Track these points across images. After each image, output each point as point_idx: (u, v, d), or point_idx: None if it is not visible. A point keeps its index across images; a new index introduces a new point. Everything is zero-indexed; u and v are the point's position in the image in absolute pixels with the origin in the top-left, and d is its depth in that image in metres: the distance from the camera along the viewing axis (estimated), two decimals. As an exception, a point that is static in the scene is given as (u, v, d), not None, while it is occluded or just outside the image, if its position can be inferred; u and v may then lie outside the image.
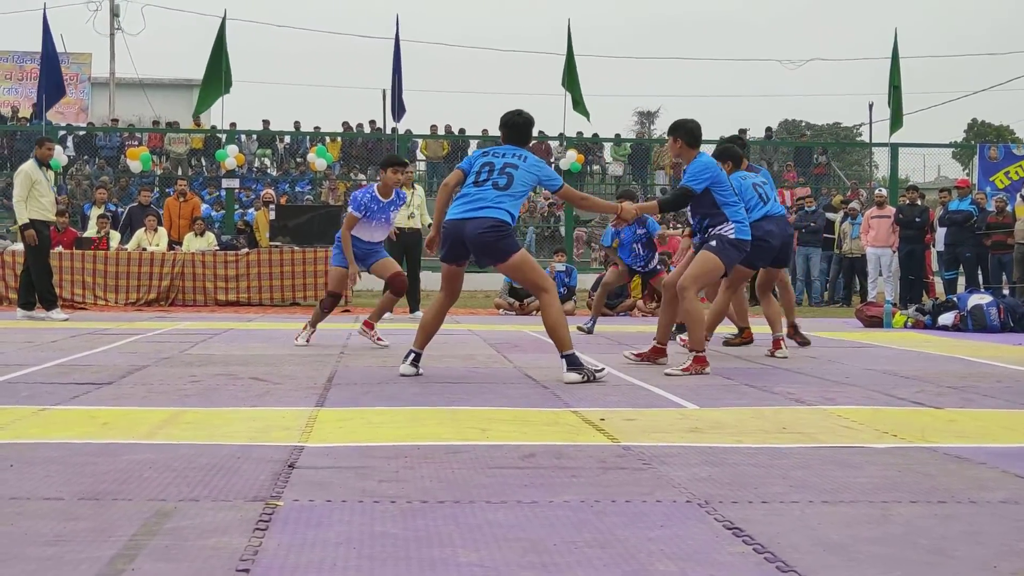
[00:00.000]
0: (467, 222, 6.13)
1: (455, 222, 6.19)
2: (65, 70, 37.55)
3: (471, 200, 6.17)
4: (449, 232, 6.23)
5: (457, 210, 6.21)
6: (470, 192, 6.20)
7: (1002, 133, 51.50)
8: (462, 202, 6.22)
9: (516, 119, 6.49)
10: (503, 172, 6.21)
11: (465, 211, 6.16)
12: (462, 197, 6.25)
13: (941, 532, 2.85)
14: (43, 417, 4.74)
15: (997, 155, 21.57)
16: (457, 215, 6.19)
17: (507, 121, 6.49)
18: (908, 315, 12.29)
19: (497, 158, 6.29)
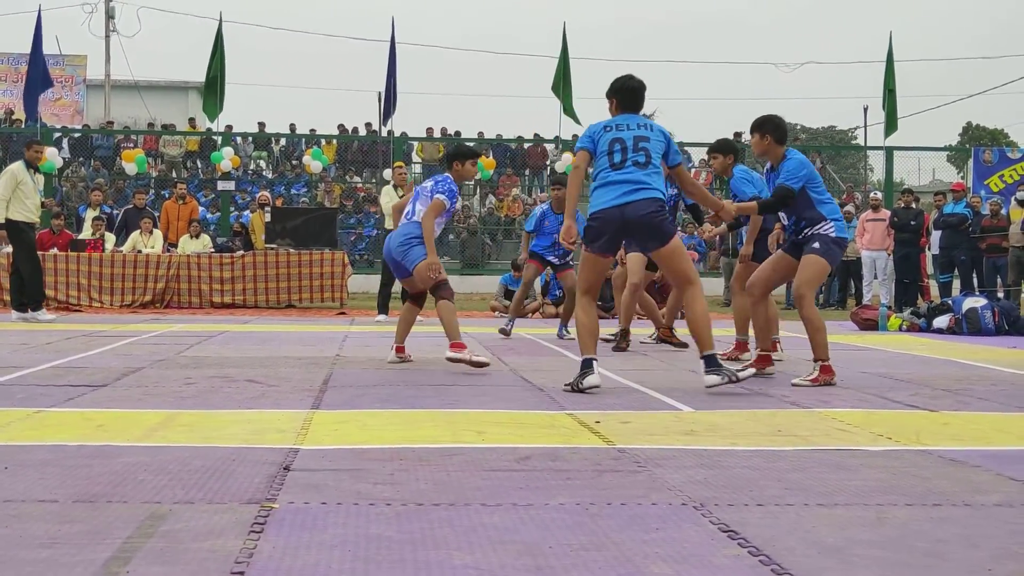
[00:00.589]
0: (627, 206, 5.78)
1: (613, 209, 5.80)
2: (60, 72, 37.76)
3: (621, 183, 5.81)
4: (609, 220, 5.82)
5: (609, 196, 5.82)
6: (614, 176, 5.84)
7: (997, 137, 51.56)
8: (612, 188, 5.83)
9: (630, 83, 6.13)
10: (638, 149, 5.88)
11: (620, 195, 5.80)
12: (607, 184, 5.85)
13: (936, 535, 2.86)
14: (38, 419, 4.73)
15: (992, 158, 21.61)
16: (613, 202, 5.81)
17: (621, 86, 6.12)
18: (903, 318, 12.30)
19: (624, 132, 5.93)
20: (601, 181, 5.91)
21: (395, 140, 21.82)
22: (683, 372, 7.10)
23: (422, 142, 24.68)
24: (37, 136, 20.19)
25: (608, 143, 5.92)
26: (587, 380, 5.80)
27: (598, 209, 5.87)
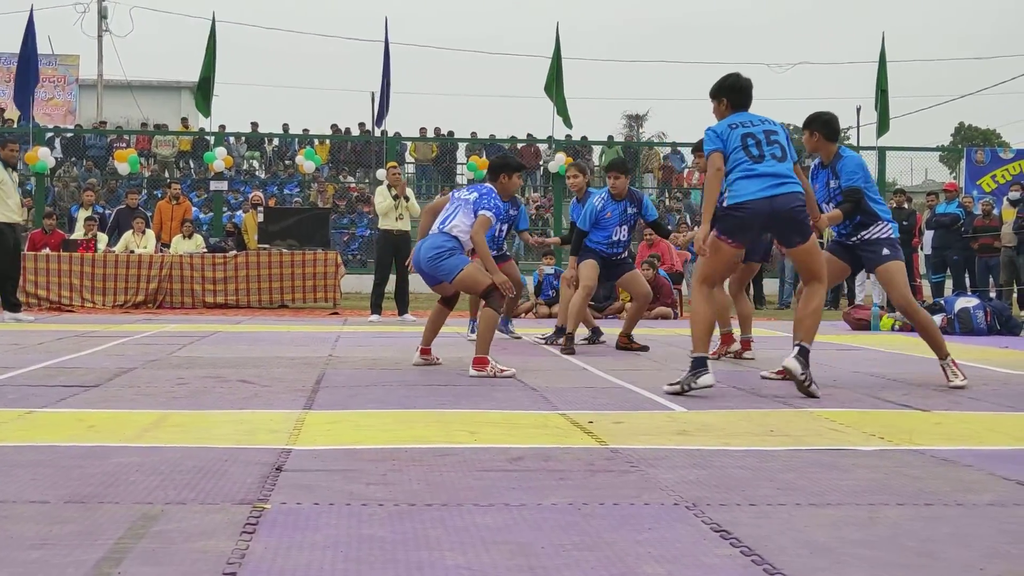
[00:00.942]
0: (775, 199, 5.66)
1: (762, 201, 5.65)
2: (53, 72, 37.71)
3: (767, 176, 5.69)
4: (756, 213, 5.68)
5: (755, 187, 5.67)
6: (759, 168, 5.70)
7: (989, 137, 51.74)
8: (757, 180, 5.68)
9: (740, 81, 6.02)
10: (771, 142, 5.79)
11: (767, 187, 5.67)
12: (751, 176, 5.69)
13: (928, 534, 2.86)
14: (30, 420, 4.72)
15: (984, 159, 21.65)
16: (761, 193, 5.66)
17: (732, 85, 6.00)
18: (895, 318, 12.32)
19: (753, 127, 5.82)
20: (744, 173, 5.71)
21: (388, 140, 21.83)
22: (676, 372, 7.09)
23: (415, 142, 24.67)
24: (29, 136, 20.18)
25: (740, 138, 5.77)
26: (701, 380, 5.64)
27: (744, 200, 5.68)
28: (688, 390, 5.65)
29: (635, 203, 8.90)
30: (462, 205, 7.01)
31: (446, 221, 6.98)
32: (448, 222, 6.96)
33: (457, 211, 6.99)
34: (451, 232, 6.90)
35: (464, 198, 7.09)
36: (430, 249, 6.89)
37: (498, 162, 7.37)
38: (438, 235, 6.94)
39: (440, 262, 6.83)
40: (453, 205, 7.09)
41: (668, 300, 14.56)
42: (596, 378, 6.69)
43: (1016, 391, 6.28)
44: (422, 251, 6.96)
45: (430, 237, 6.99)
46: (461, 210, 6.97)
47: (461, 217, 6.93)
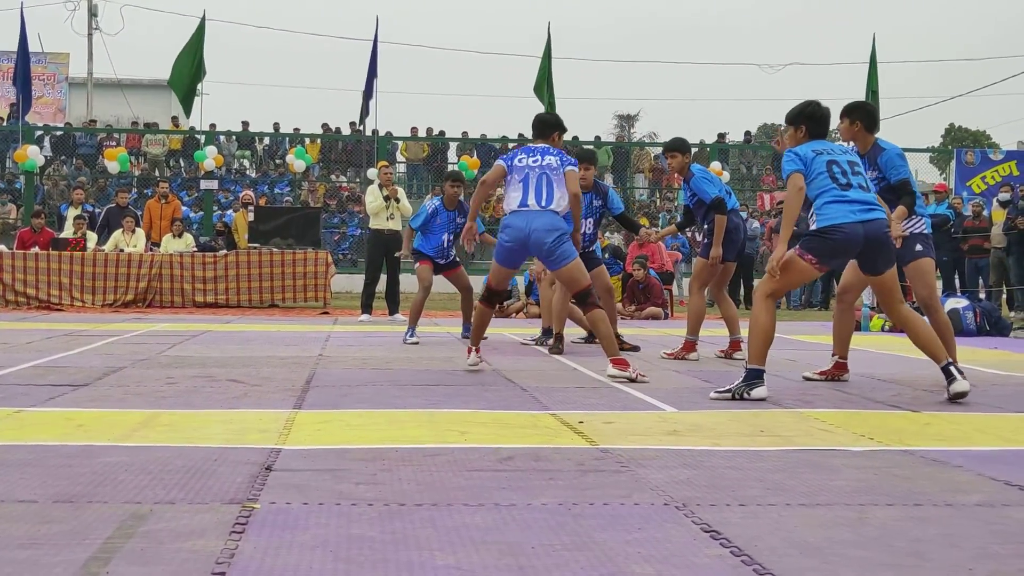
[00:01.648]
0: (867, 224, 5.66)
1: (855, 225, 5.64)
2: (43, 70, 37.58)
3: (856, 202, 5.68)
4: (851, 236, 5.65)
5: (847, 211, 5.65)
6: (849, 195, 5.70)
7: (979, 138, 51.88)
8: (849, 205, 5.67)
9: (822, 110, 6.03)
10: (856, 172, 5.82)
11: (858, 211, 5.66)
12: (842, 201, 5.68)
13: (917, 534, 2.87)
14: (18, 419, 4.70)
15: (974, 160, 21.73)
16: (853, 216, 5.65)
17: (813, 113, 6.02)
18: (885, 319, 12.35)
19: (835, 155, 5.84)
20: (834, 198, 5.71)
21: (379, 139, 21.80)
22: (666, 372, 7.12)
23: (406, 141, 24.65)
24: (19, 134, 20.13)
25: (825, 165, 5.77)
26: (756, 391, 5.61)
27: (839, 223, 5.66)
28: (739, 399, 5.60)
29: (600, 195, 8.79)
30: (551, 175, 6.73)
31: (543, 198, 6.67)
32: (551, 199, 6.67)
33: (551, 184, 6.69)
34: (558, 210, 6.66)
35: (543, 164, 6.75)
36: (550, 231, 6.59)
37: (551, 119, 7.20)
38: (549, 214, 6.63)
39: (562, 246, 6.64)
40: (534, 176, 6.74)
41: (659, 300, 14.58)
42: (587, 378, 6.69)
43: (1005, 392, 6.30)
44: (537, 229, 6.59)
45: (542, 215, 6.62)
46: (556, 182, 6.70)
47: (558, 189, 6.69)
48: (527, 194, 6.70)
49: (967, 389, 5.69)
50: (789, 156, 5.88)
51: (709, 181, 8.11)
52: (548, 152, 6.86)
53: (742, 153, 27.39)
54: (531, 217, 6.64)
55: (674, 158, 8.21)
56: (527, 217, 6.66)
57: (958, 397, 5.67)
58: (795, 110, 6.08)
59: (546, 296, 9.32)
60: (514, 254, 6.83)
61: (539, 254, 6.82)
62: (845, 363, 6.76)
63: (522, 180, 6.76)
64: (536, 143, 7.04)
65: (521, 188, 6.74)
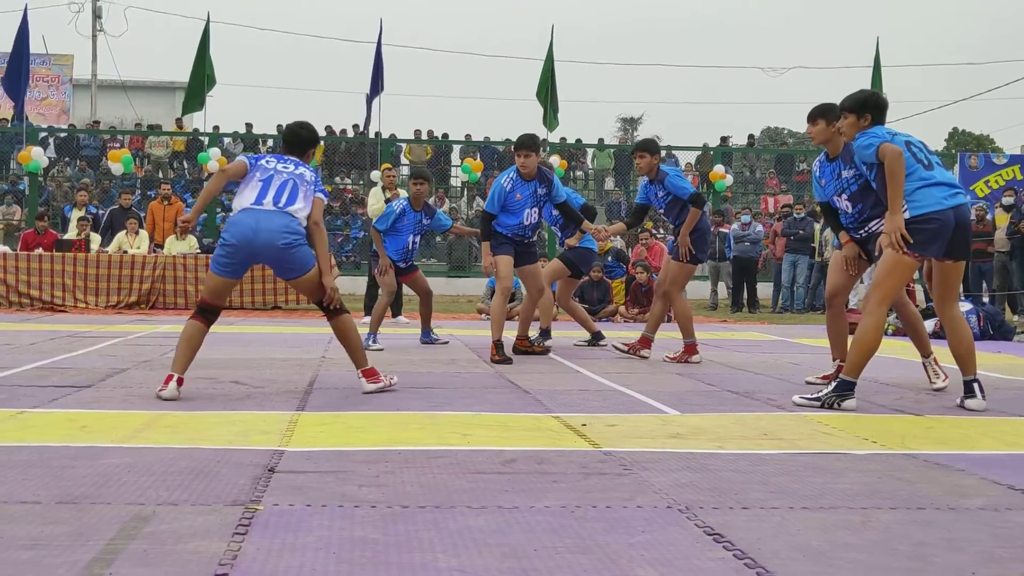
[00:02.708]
0: (957, 209, 5.48)
1: (947, 211, 5.43)
2: (47, 71, 37.62)
3: (943, 184, 5.51)
4: (945, 224, 5.42)
5: (940, 196, 5.44)
6: (933, 176, 5.51)
7: (982, 142, 51.82)
8: (937, 189, 5.47)
9: (884, 100, 5.92)
10: (930, 151, 5.68)
11: (948, 196, 5.47)
12: (929, 184, 5.46)
13: (920, 538, 2.86)
14: (21, 420, 4.70)
15: (977, 164, 21.71)
16: (945, 203, 5.44)
17: (879, 103, 5.86)
18: (889, 322, 12.34)
19: (909, 136, 5.70)
20: (922, 182, 5.48)
21: (383, 142, 21.83)
22: (669, 375, 7.11)
23: (410, 144, 24.67)
24: (23, 135, 20.14)
25: (904, 144, 5.56)
26: (847, 403, 5.49)
27: (932, 210, 5.41)
28: (829, 408, 5.47)
29: (545, 183, 8.23)
30: (298, 181, 5.97)
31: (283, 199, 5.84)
32: (292, 203, 5.86)
33: (296, 190, 5.93)
34: (298, 216, 5.84)
35: (295, 173, 6.02)
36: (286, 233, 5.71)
37: (306, 135, 6.42)
38: (286, 216, 5.77)
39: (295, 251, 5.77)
40: (281, 179, 5.93)
41: (662, 303, 14.54)
42: (589, 380, 6.69)
43: (1008, 396, 6.30)
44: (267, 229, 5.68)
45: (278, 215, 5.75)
46: (301, 191, 5.95)
47: (303, 199, 5.94)
48: (264, 195, 5.79)
49: (982, 407, 5.56)
50: (868, 136, 5.62)
51: (682, 177, 8.10)
52: (303, 166, 6.11)
53: (745, 156, 27.39)
54: (261, 216, 5.70)
55: (643, 158, 8.08)
56: (256, 215, 5.71)
57: (970, 409, 5.57)
58: (858, 98, 5.87)
59: (545, 297, 9.28)
60: (239, 260, 5.83)
61: (267, 257, 5.79)
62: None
63: (263, 180, 5.86)
64: (291, 156, 6.20)
65: (260, 189, 5.83)
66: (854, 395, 5.56)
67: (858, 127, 5.82)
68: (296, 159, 6.17)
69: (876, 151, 5.48)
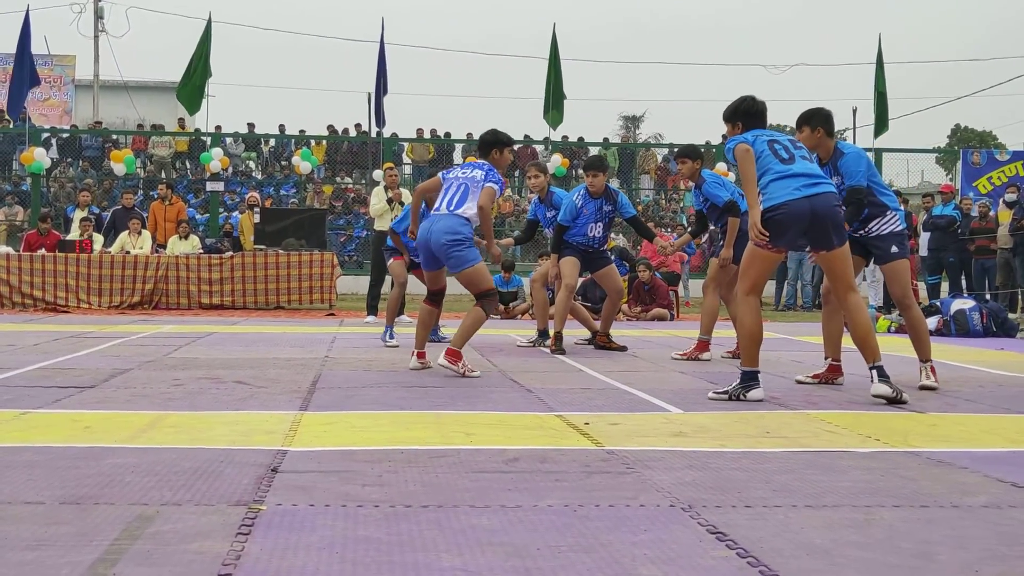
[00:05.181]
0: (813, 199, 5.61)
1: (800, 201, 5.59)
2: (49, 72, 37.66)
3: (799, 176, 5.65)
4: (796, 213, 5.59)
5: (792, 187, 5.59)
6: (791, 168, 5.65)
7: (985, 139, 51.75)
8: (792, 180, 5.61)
9: (757, 105, 6.01)
10: (797, 147, 5.83)
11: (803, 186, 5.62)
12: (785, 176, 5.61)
13: (924, 536, 2.86)
14: (25, 421, 4.71)
15: (980, 160, 21.70)
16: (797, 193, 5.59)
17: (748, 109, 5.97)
18: (892, 320, 12.33)
19: (775, 136, 5.86)
20: (777, 175, 5.61)
21: (385, 141, 21.82)
22: (671, 373, 7.11)
23: (412, 143, 24.65)
24: (25, 136, 20.15)
25: (766, 144, 5.72)
26: (752, 393, 5.63)
27: (782, 200, 5.54)
28: (736, 400, 5.61)
29: (611, 201, 8.89)
30: (469, 184, 6.92)
31: (453, 202, 6.86)
32: (461, 204, 6.84)
33: (467, 192, 6.88)
34: (464, 215, 6.81)
35: (467, 176, 6.99)
36: (447, 232, 6.78)
37: (488, 138, 7.33)
38: (451, 217, 6.82)
39: (455, 249, 6.77)
40: (456, 185, 6.96)
41: (664, 302, 14.56)
42: (592, 379, 6.69)
43: (1012, 393, 6.29)
44: (435, 231, 6.80)
45: (445, 218, 6.82)
46: (471, 191, 6.87)
47: (471, 200, 6.84)
48: (442, 201, 6.95)
49: (887, 394, 5.62)
50: (731, 141, 5.81)
51: (720, 185, 8.18)
52: (479, 167, 7.06)
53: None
54: (434, 220, 6.86)
55: (684, 164, 8.32)
56: (432, 220, 6.89)
57: (878, 398, 5.65)
58: (730, 107, 6.03)
59: (539, 298, 9.47)
60: (426, 256, 6.99)
61: (439, 256, 6.89)
62: (839, 365, 6.73)
63: (445, 189, 7.03)
64: (479, 160, 7.25)
65: (440, 196, 7.02)
66: (759, 384, 5.67)
67: (731, 134, 5.99)
68: (481, 162, 7.16)
69: (732, 152, 5.68)
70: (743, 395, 5.64)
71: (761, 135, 5.80)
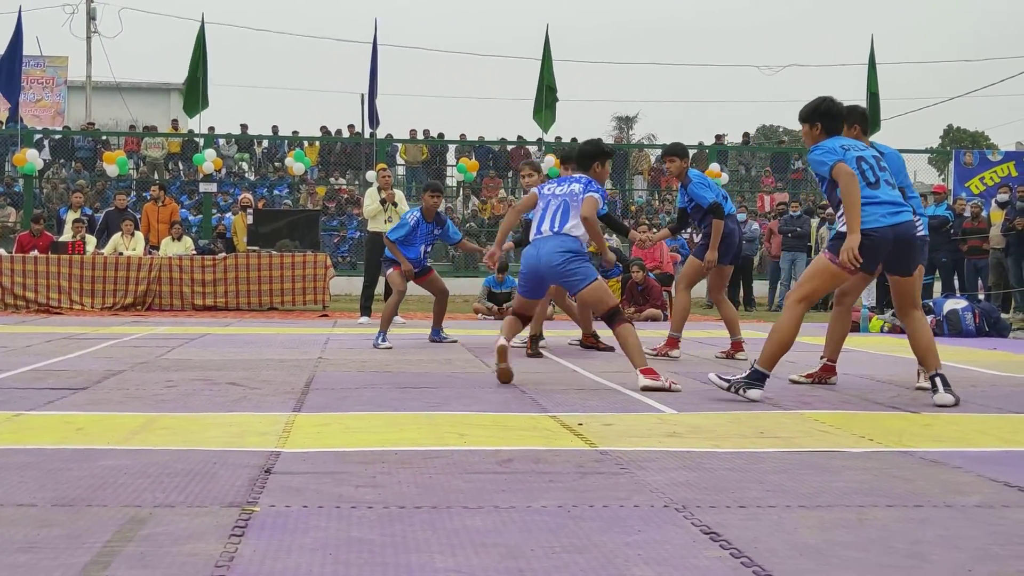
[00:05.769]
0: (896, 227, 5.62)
1: (886, 229, 5.59)
2: (41, 73, 37.58)
3: (885, 203, 5.63)
4: (882, 240, 5.60)
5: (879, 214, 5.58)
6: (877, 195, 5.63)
7: (977, 139, 51.86)
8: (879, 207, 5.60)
9: (837, 107, 5.93)
10: (881, 168, 5.79)
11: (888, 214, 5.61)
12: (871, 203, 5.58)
13: (917, 536, 2.87)
14: (17, 423, 4.70)
15: (972, 161, 21.75)
16: (883, 221, 5.58)
17: (828, 110, 5.86)
18: (885, 320, 12.36)
19: (862, 151, 5.78)
20: (865, 199, 5.55)
21: (378, 142, 21.82)
22: (665, 374, 7.10)
23: (405, 144, 24.64)
24: (17, 138, 20.11)
25: (855, 161, 5.63)
26: (751, 392, 5.60)
27: (870, 227, 5.53)
28: (734, 393, 5.62)
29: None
30: (569, 200, 6.60)
31: (556, 222, 6.53)
32: (565, 223, 6.52)
33: (567, 209, 6.55)
34: (572, 234, 6.48)
35: (567, 192, 6.64)
36: (559, 252, 6.41)
37: (590, 150, 6.95)
38: (558, 237, 6.46)
39: (572, 266, 6.41)
40: (556, 203, 6.62)
41: (658, 302, 14.56)
42: (586, 380, 6.69)
43: (1005, 393, 6.30)
44: (544, 254, 6.45)
45: (552, 239, 6.47)
46: (572, 207, 6.55)
47: (573, 217, 6.53)
48: (542, 222, 6.61)
49: (950, 403, 5.57)
50: (820, 150, 5.66)
51: (706, 186, 8.14)
52: (576, 180, 6.73)
53: (741, 154, 27.40)
54: (541, 243, 6.52)
55: (672, 162, 8.26)
56: (537, 244, 6.55)
57: (942, 406, 5.57)
58: (809, 107, 5.93)
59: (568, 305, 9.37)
60: (532, 282, 6.62)
61: (553, 278, 6.59)
62: (833, 366, 6.72)
63: (543, 208, 6.69)
64: (575, 175, 6.88)
65: (539, 217, 6.67)
66: (763, 387, 5.66)
67: (812, 136, 5.88)
68: (579, 175, 6.85)
69: (830, 171, 5.58)
70: (743, 391, 5.61)
71: (850, 149, 5.69)
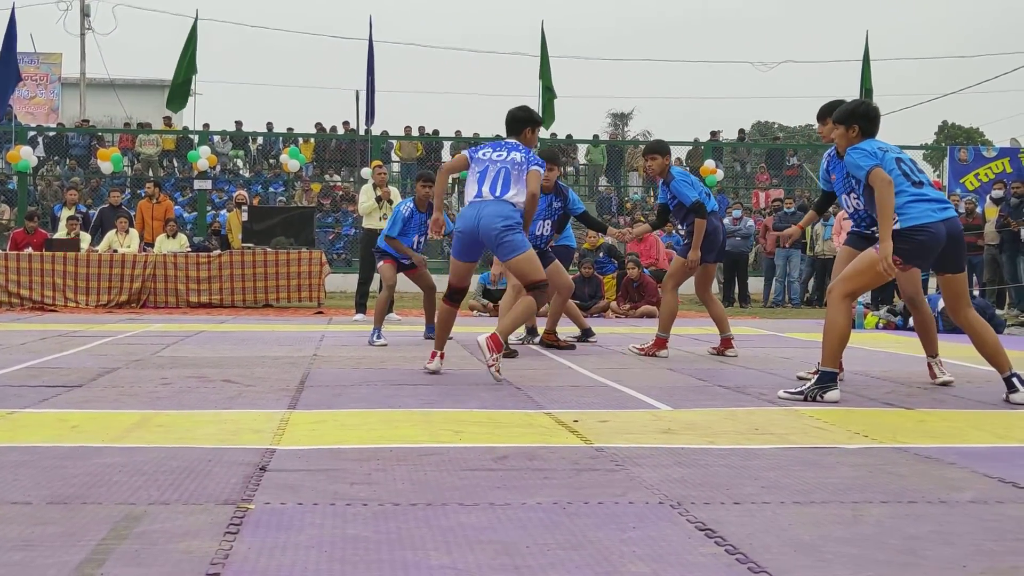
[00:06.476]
0: (948, 222, 5.57)
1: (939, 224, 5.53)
2: (35, 70, 37.51)
3: (933, 200, 5.59)
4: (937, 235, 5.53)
5: (930, 210, 5.54)
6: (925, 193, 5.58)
7: (972, 135, 51.96)
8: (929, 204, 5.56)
9: (874, 110, 5.88)
10: (920, 169, 5.77)
11: (939, 210, 5.57)
12: (922, 200, 5.53)
13: (911, 532, 2.87)
14: (12, 420, 4.69)
15: (967, 157, 21.76)
16: (936, 215, 5.53)
17: (866, 113, 5.82)
18: (879, 316, 12.38)
19: (900, 153, 5.76)
20: (913, 197, 5.52)
21: (374, 139, 21.79)
22: (661, 371, 7.12)
23: (400, 140, 24.62)
24: (11, 135, 20.06)
25: (894, 162, 5.60)
26: (829, 394, 5.54)
27: (925, 222, 5.47)
28: (811, 401, 5.53)
29: (561, 197, 8.69)
30: (510, 168, 6.57)
31: (498, 188, 6.51)
32: (507, 191, 6.50)
33: (508, 176, 6.54)
34: (512, 201, 6.48)
35: (507, 159, 6.60)
36: (500, 217, 6.43)
37: (522, 115, 6.93)
38: (500, 203, 6.46)
39: (509, 235, 6.43)
40: (496, 168, 6.59)
41: (653, 299, 14.56)
42: (581, 377, 6.70)
43: (999, 389, 6.30)
44: (485, 216, 6.45)
45: (493, 204, 6.47)
46: (513, 175, 6.54)
47: (515, 185, 6.52)
48: (482, 185, 6.57)
49: None
50: (858, 153, 5.61)
51: (689, 184, 8.08)
52: (515, 148, 6.71)
53: (736, 151, 27.40)
54: (481, 206, 6.51)
55: (654, 160, 8.18)
56: (477, 207, 6.54)
57: (1018, 404, 5.57)
58: (846, 109, 5.88)
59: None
60: (467, 245, 6.63)
61: (489, 243, 6.53)
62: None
63: (480, 172, 6.64)
64: (508, 139, 6.88)
65: (477, 180, 6.62)
66: (837, 386, 5.61)
67: (847, 138, 5.84)
68: (513, 142, 6.81)
69: (867, 175, 5.53)
70: (820, 396, 5.54)
71: (888, 151, 5.67)
